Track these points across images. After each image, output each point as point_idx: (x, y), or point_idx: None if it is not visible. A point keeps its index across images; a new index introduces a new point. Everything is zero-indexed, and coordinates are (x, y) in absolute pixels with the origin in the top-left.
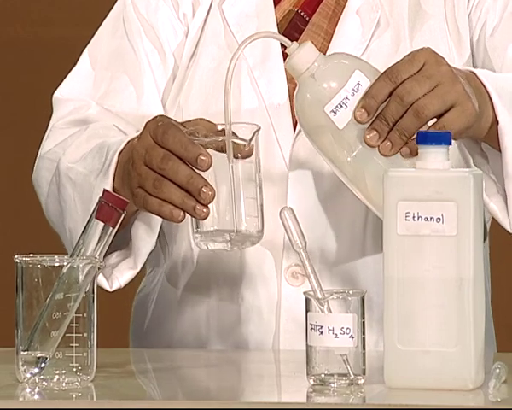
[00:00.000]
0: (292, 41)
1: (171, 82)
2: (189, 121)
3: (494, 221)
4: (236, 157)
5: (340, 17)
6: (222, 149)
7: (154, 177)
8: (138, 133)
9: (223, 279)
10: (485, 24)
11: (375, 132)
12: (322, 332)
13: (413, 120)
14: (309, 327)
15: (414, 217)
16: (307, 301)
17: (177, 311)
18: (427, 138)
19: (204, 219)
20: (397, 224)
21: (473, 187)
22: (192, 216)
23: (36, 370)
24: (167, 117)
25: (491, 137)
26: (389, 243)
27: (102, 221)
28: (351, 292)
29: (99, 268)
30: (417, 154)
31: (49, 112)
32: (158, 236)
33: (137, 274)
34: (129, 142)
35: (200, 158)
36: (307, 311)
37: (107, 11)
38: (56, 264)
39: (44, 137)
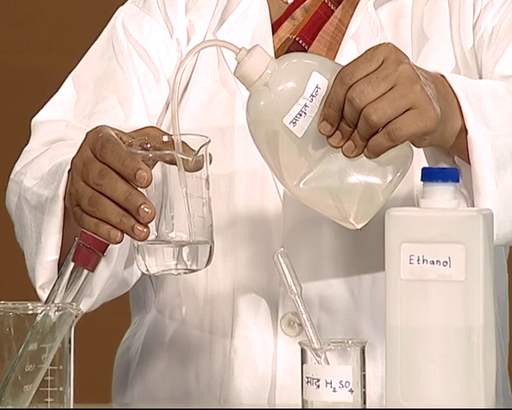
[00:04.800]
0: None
1: (165, 110)
2: (139, 130)
3: None
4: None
5: (340, 44)
6: (168, 163)
7: (90, 194)
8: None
9: (214, 329)
10: (482, 40)
11: (337, 132)
12: (319, 386)
13: (365, 126)
14: (305, 380)
15: (418, 260)
16: (303, 352)
17: (164, 363)
18: (432, 175)
19: (143, 240)
20: (400, 268)
21: (482, 228)
22: (131, 237)
23: None
24: (109, 127)
25: (460, 147)
26: (392, 289)
27: (80, 265)
28: (350, 342)
29: (76, 316)
30: (379, 154)
31: (22, 142)
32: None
33: (121, 324)
34: None
35: (138, 173)
36: (303, 362)
37: (84, 38)
38: (30, 311)
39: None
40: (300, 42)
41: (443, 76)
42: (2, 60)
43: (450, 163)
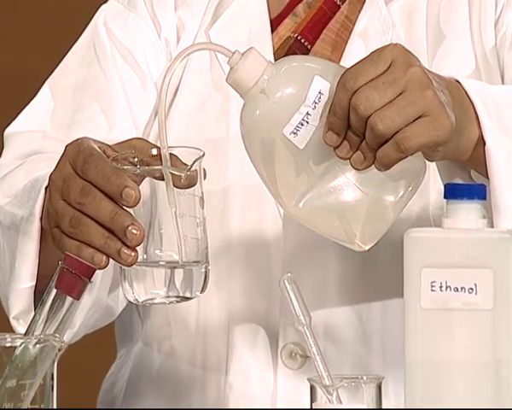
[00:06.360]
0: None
1: (152, 118)
2: (124, 142)
3: None
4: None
5: (346, 43)
6: (158, 179)
7: (72, 214)
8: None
9: (207, 363)
10: (504, 38)
11: (345, 142)
12: None
13: (371, 136)
14: None
15: (441, 287)
16: (312, 389)
17: (152, 401)
18: (456, 192)
19: (131, 265)
20: (420, 295)
21: None
22: (117, 262)
23: None
24: (91, 139)
25: (477, 160)
26: (411, 319)
27: (64, 292)
28: (364, 378)
29: (59, 349)
30: (388, 166)
31: None
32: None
33: (108, 357)
34: None
35: (125, 191)
36: (312, 401)
37: (64, 39)
38: (8, 344)
39: None
40: (303, 41)
41: (458, 81)
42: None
43: (465, 178)
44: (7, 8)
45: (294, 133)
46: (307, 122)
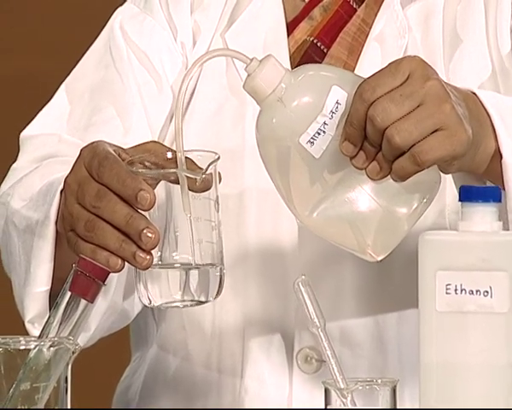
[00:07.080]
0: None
1: (168, 121)
2: (139, 146)
3: None
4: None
5: (363, 46)
6: (173, 183)
7: (87, 217)
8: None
9: (222, 367)
10: None
11: (361, 153)
12: None
13: (388, 148)
14: None
15: (456, 290)
16: (326, 393)
17: (167, 405)
18: (471, 195)
19: (146, 268)
20: (435, 298)
21: None
22: (132, 265)
23: None
24: (106, 143)
25: (494, 173)
26: (426, 322)
27: (78, 295)
28: (379, 381)
29: (73, 352)
30: (404, 178)
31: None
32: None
33: (122, 361)
34: None
35: (140, 195)
36: (326, 404)
37: (84, 42)
38: (22, 347)
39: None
40: (319, 44)
41: (474, 93)
42: None
43: None
44: (7, 8)
45: (311, 142)
46: (324, 132)
